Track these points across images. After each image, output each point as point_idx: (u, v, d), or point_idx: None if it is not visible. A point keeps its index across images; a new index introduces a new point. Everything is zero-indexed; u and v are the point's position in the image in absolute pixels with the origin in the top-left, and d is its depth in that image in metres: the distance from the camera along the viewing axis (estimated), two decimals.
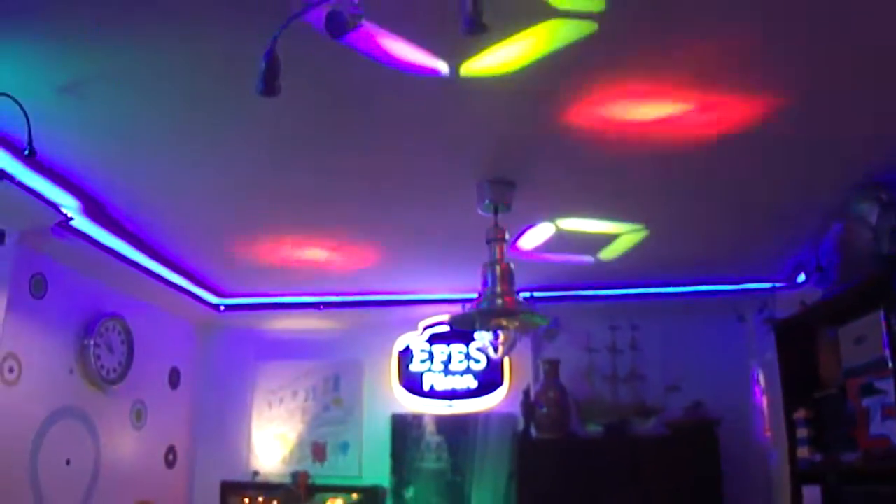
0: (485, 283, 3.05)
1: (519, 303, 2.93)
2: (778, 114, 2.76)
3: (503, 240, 3.15)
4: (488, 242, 3.15)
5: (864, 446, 3.31)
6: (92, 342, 4.06)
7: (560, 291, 4.93)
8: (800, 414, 3.94)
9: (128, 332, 4.39)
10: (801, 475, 3.87)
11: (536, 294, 4.86)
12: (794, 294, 4.25)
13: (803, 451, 3.89)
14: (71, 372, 3.94)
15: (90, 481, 4.06)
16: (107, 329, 4.20)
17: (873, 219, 3.38)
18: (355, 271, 4.63)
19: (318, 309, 5.02)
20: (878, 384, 3.27)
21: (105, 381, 4.19)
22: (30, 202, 3.21)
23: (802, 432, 3.91)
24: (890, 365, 3.19)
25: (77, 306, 4.03)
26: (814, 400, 3.89)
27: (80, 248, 3.79)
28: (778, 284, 4.69)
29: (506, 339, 2.96)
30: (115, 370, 4.28)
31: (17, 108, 2.30)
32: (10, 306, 3.34)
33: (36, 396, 3.64)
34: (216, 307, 5.15)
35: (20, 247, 3.42)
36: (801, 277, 4.51)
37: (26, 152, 2.32)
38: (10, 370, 3.43)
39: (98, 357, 4.11)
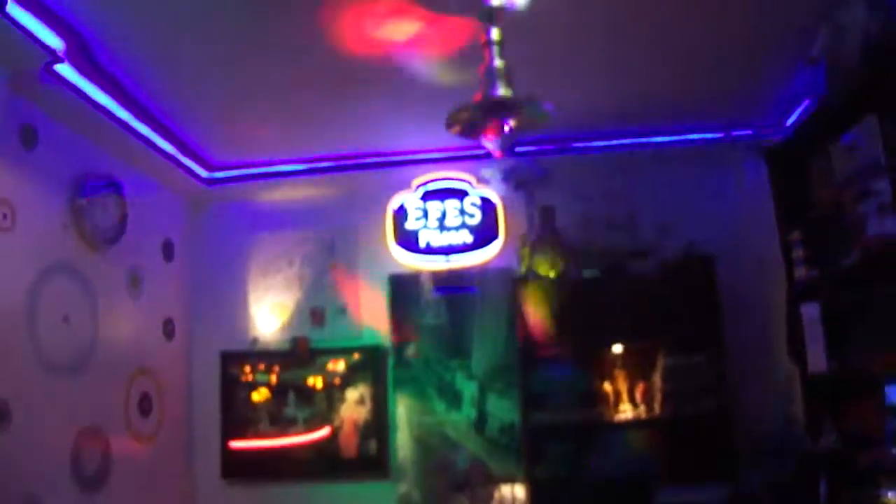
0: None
1: (520, 97, 2.95)
2: None
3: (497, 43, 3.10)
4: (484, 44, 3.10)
5: (862, 247, 3.43)
6: (85, 201, 4.09)
7: (551, 144, 5.01)
8: (794, 236, 4.09)
9: (120, 195, 4.43)
10: (799, 294, 4.03)
11: (526, 148, 4.99)
12: None
13: (800, 271, 4.04)
14: (65, 227, 3.99)
15: (90, 342, 4.14)
16: (99, 189, 4.23)
17: (859, 18, 3.40)
18: (347, 128, 4.68)
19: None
20: (874, 185, 3.39)
21: (100, 241, 4.24)
22: (18, 37, 3.20)
23: (798, 253, 4.07)
24: (884, 162, 3.30)
25: (68, 163, 4.07)
26: (808, 220, 4.03)
27: (71, 100, 3.79)
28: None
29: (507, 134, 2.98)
30: (109, 231, 4.32)
31: None
32: (1, 154, 3.38)
33: (31, 246, 3.69)
34: (207, 181, 5.18)
35: (9, 94, 3.45)
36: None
37: None
38: (4, 216, 3.47)
39: (92, 216, 4.15)
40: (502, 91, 2.98)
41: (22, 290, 3.62)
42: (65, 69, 3.63)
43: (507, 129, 3.04)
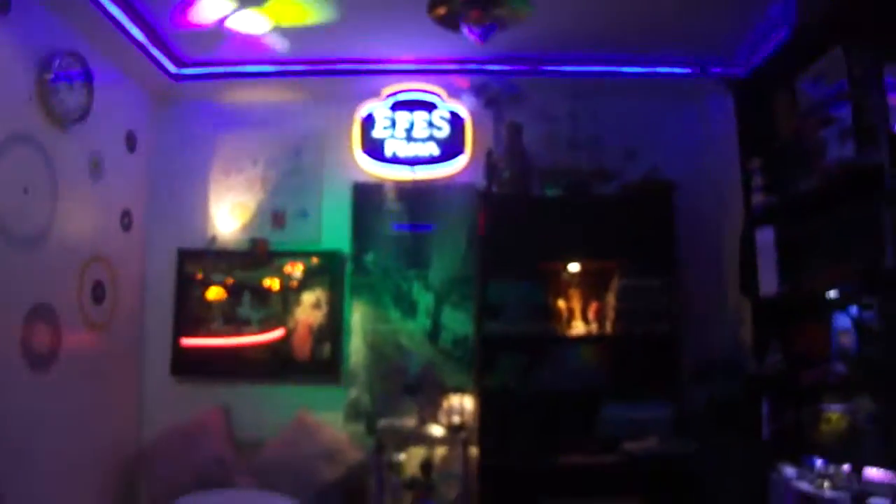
0: None
1: None
2: None
3: None
4: None
5: (821, 171, 3.57)
6: (52, 75, 4.05)
7: (521, 65, 5.07)
8: (755, 164, 4.23)
9: (89, 78, 4.39)
10: (755, 220, 4.18)
11: (497, 68, 5.04)
12: None
13: (758, 197, 4.19)
14: (30, 98, 3.96)
15: (47, 218, 4.13)
16: (66, 65, 4.19)
17: None
18: (321, 32, 4.67)
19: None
20: (836, 112, 3.51)
21: (64, 119, 4.22)
22: None
23: (757, 181, 4.21)
24: (847, 90, 3.42)
25: (39, 37, 4.03)
26: (769, 149, 4.17)
27: None
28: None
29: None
30: (74, 112, 4.30)
31: None
32: None
33: None
34: (174, 76, 5.12)
35: None
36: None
37: None
38: None
39: (58, 93, 4.13)
40: None
41: None
42: None
43: (489, 16, 3.08)
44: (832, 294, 3.56)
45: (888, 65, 3.08)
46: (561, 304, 4.89)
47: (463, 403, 4.90)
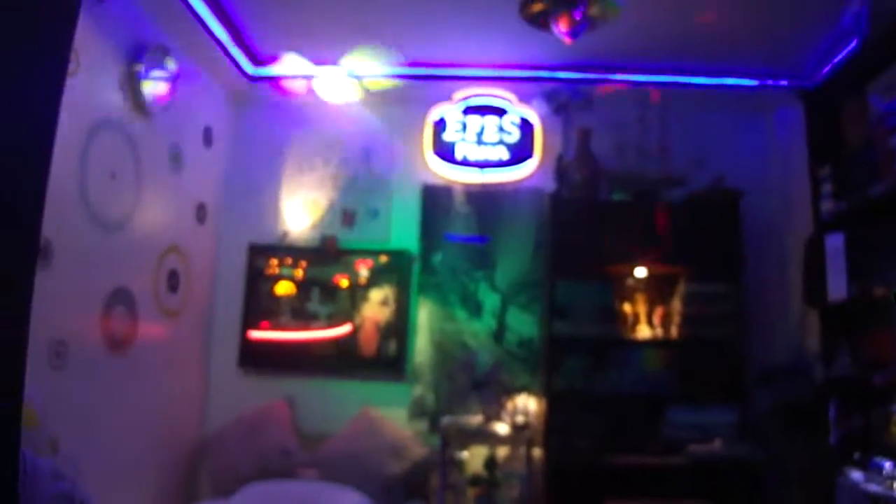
0: None
1: None
2: None
3: None
4: None
5: (892, 177, 3.67)
6: (140, 66, 4.30)
7: (591, 73, 5.22)
8: (824, 171, 4.33)
9: (172, 69, 4.64)
10: (825, 226, 4.27)
11: (567, 75, 5.19)
12: None
13: (827, 204, 4.29)
14: (120, 88, 4.20)
15: (132, 203, 4.35)
16: (153, 58, 4.43)
17: None
18: (398, 37, 4.90)
19: None
20: None
21: (149, 108, 4.45)
22: None
23: (827, 187, 4.30)
24: None
25: (129, 26, 4.28)
26: (839, 157, 4.28)
27: None
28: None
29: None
30: (157, 102, 4.53)
31: None
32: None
33: (88, 95, 3.89)
34: (251, 77, 5.34)
35: None
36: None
37: None
38: (70, 61, 3.62)
39: (143, 83, 4.38)
40: None
41: (77, 137, 3.80)
42: None
43: (579, 17, 3.22)
44: None
45: None
46: (627, 307, 5.04)
47: (527, 404, 5.04)
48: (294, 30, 4.94)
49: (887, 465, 3.70)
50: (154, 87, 4.48)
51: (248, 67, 5.32)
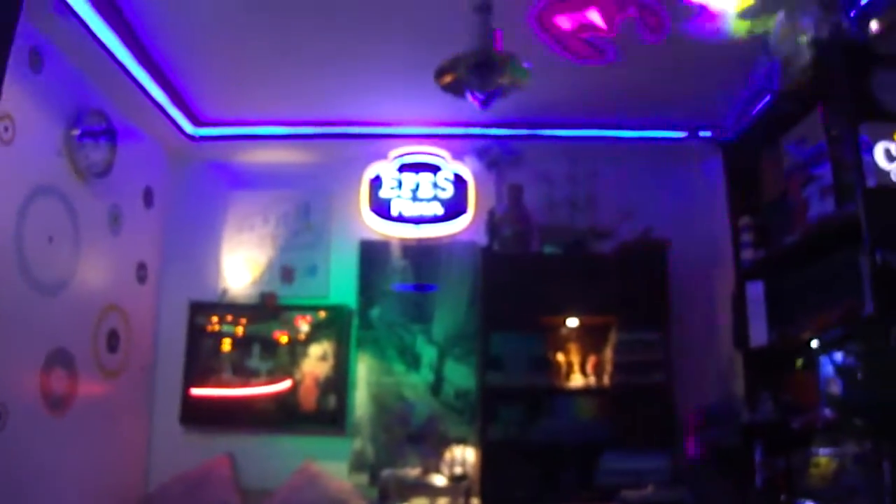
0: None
1: (508, 56, 3.26)
2: None
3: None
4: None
5: (804, 227, 3.81)
6: (78, 131, 4.35)
7: (521, 129, 5.39)
8: (744, 221, 4.47)
9: (112, 135, 4.67)
10: (745, 274, 4.40)
11: (498, 132, 5.32)
12: None
13: (747, 253, 4.42)
14: (58, 154, 4.25)
15: (70, 267, 4.37)
16: (92, 123, 4.49)
17: (811, 20, 3.78)
18: (332, 97, 5.03)
19: None
20: (816, 171, 3.76)
21: (88, 174, 4.50)
22: None
23: (746, 236, 4.44)
24: (826, 149, 3.67)
25: (68, 95, 4.33)
26: (757, 207, 4.43)
27: (76, 31, 3.99)
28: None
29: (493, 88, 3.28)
30: (97, 166, 4.59)
31: None
32: (11, 71, 3.58)
33: (26, 163, 3.93)
34: (191, 137, 5.42)
35: (23, 16, 3.65)
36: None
37: None
38: (6, 129, 3.71)
39: (84, 149, 4.42)
40: (488, 49, 3.29)
41: (14, 203, 3.83)
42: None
43: (491, 85, 3.33)
44: (817, 342, 3.76)
45: (862, 124, 3.34)
46: (560, 357, 5.10)
47: (465, 454, 5.07)
48: (231, 90, 5.04)
49: None
50: (93, 151, 4.54)
51: (189, 128, 5.37)
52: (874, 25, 3.55)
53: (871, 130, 3.35)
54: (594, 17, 3.83)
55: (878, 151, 3.32)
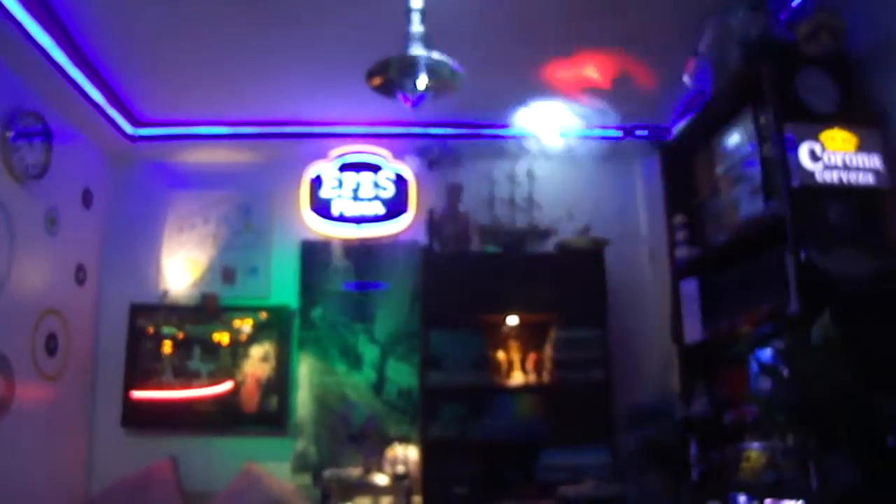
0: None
1: (438, 59, 3.21)
2: None
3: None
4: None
5: (734, 226, 3.83)
6: (13, 133, 4.22)
7: (462, 129, 5.38)
8: (678, 220, 4.48)
9: (49, 137, 4.56)
10: (680, 272, 4.42)
11: (439, 131, 5.29)
12: None
13: (681, 251, 4.44)
14: None
15: (6, 271, 4.24)
16: (27, 124, 4.37)
17: (740, 21, 3.81)
18: (272, 96, 4.97)
19: None
20: (746, 171, 3.78)
21: (24, 176, 4.37)
22: None
23: (681, 235, 4.46)
24: (756, 151, 3.69)
25: (2, 93, 4.21)
26: (691, 206, 4.45)
27: (9, 31, 3.88)
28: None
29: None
30: (33, 169, 4.46)
31: None
32: None
33: None
34: (130, 137, 5.32)
35: None
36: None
37: None
38: None
39: (19, 151, 4.29)
40: (419, 51, 3.24)
41: None
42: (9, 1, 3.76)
43: (421, 86, 3.28)
44: (747, 339, 3.77)
45: (788, 124, 3.36)
46: (500, 355, 5.09)
47: (407, 453, 5.02)
48: (171, 90, 4.95)
49: (742, 499, 3.80)
50: (28, 152, 4.42)
51: (128, 128, 5.27)
52: (803, 28, 3.59)
53: (797, 131, 3.38)
54: None
55: (803, 151, 3.35)
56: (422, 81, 3.25)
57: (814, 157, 3.35)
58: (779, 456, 3.54)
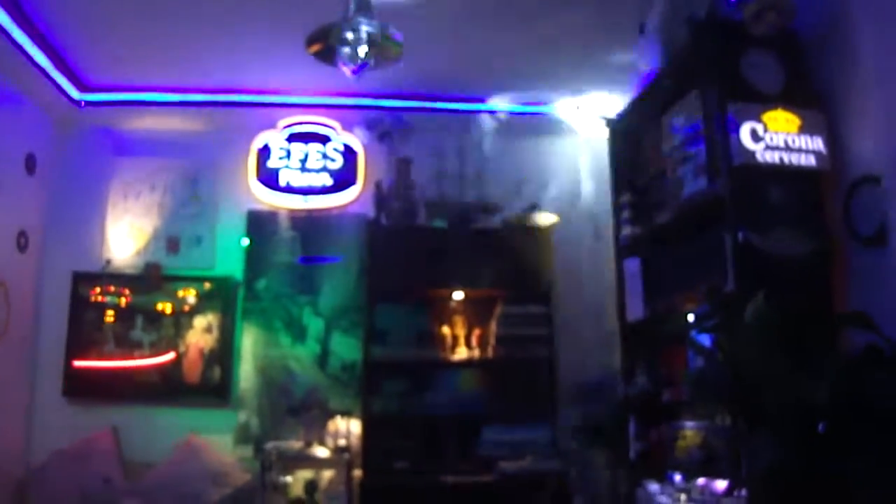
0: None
1: (378, 27, 3.11)
2: None
3: None
4: None
5: (677, 205, 3.76)
6: None
7: (412, 101, 5.27)
8: (624, 198, 4.41)
9: None
10: (624, 250, 4.35)
11: (389, 103, 5.18)
12: None
13: (626, 230, 4.37)
14: None
15: None
16: None
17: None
18: (220, 63, 4.83)
19: None
20: (691, 150, 3.70)
21: None
22: None
23: (626, 214, 4.38)
24: (702, 129, 3.61)
25: None
26: (637, 185, 4.36)
27: None
28: None
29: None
30: None
31: None
32: None
33: None
34: (76, 102, 5.14)
35: None
36: None
37: None
38: None
39: None
40: (358, 18, 3.14)
41: None
42: None
43: (362, 54, 3.18)
44: (685, 318, 3.72)
45: (730, 104, 3.28)
46: (445, 330, 5.01)
47: (349, 426, 4.94)
48: (118, 55, 4.78)
49: (677, 477, 3.76)
50: None
51: (74, 93, 5.10)
52: (750, 8, 3.51)
53: (739, 110, 3.29)
54: None
55: (745, 131, 3.27)
56: (363, 50, 3.15)
57: (755, 137, 3.27)
58: (710, 435, 3.51)
